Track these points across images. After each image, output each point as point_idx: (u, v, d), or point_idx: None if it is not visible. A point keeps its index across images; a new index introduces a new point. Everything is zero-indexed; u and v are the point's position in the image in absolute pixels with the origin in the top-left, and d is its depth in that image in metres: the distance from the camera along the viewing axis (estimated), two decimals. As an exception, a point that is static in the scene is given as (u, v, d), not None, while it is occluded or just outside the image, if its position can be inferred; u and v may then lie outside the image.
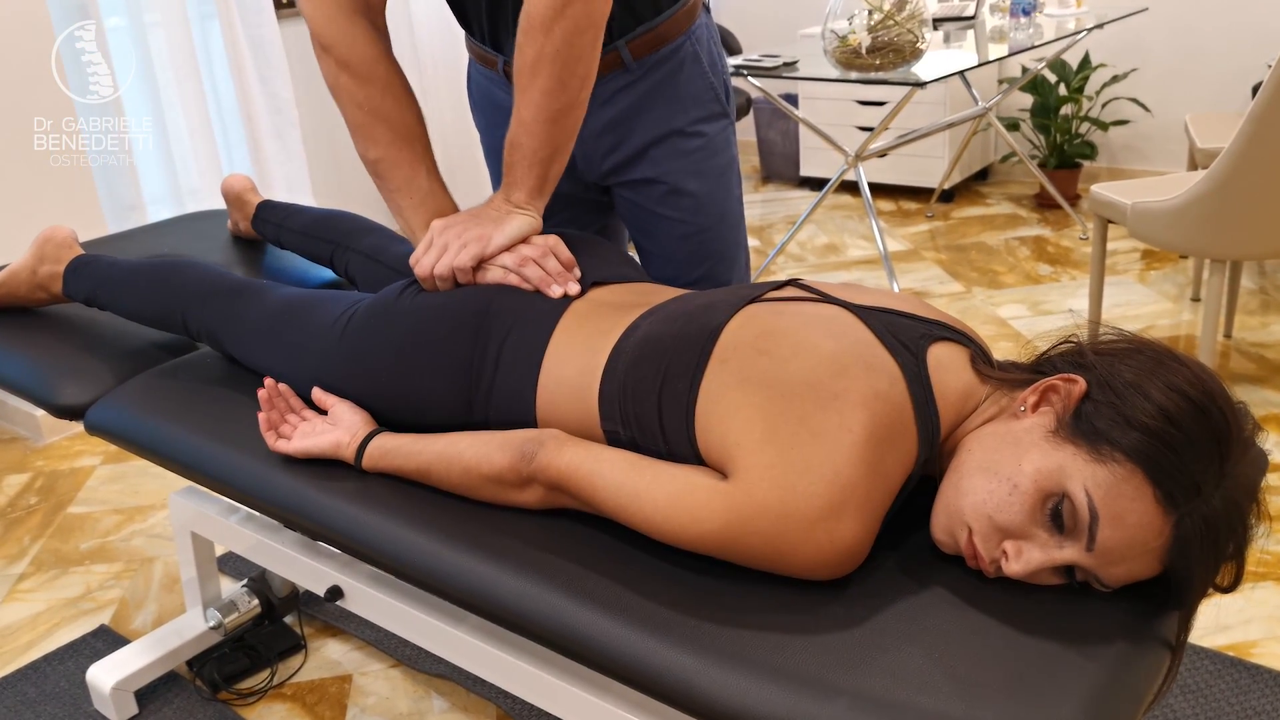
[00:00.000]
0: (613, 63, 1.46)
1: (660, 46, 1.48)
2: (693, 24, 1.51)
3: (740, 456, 0.97)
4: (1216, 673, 1.77)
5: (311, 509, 1.24)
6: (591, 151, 1.55)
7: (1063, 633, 0.93)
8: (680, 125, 1.53)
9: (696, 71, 1.52)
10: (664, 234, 1.59)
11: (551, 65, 1.28)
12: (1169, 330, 3.13)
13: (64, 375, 1.58)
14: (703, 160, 1.56)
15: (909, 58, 3.13)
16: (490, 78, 1.57)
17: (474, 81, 1.64)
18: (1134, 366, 0.95)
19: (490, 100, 1.60)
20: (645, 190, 1.56)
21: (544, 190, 1.36)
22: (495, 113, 1.59)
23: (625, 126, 1.52)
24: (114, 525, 2.45)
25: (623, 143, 1.53)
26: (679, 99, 1.52)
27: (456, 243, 1.31)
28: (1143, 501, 0.90)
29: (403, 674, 1.90)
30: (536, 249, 1.31)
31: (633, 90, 1.50)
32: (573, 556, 1.07)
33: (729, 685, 0.90)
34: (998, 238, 4.03)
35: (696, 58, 1.52)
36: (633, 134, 1.52)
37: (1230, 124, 3.24)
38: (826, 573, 0.97)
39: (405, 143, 1.38)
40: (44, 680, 1.93)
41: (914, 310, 1.08)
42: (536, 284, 1.28)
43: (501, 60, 1.51)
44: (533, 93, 1.29)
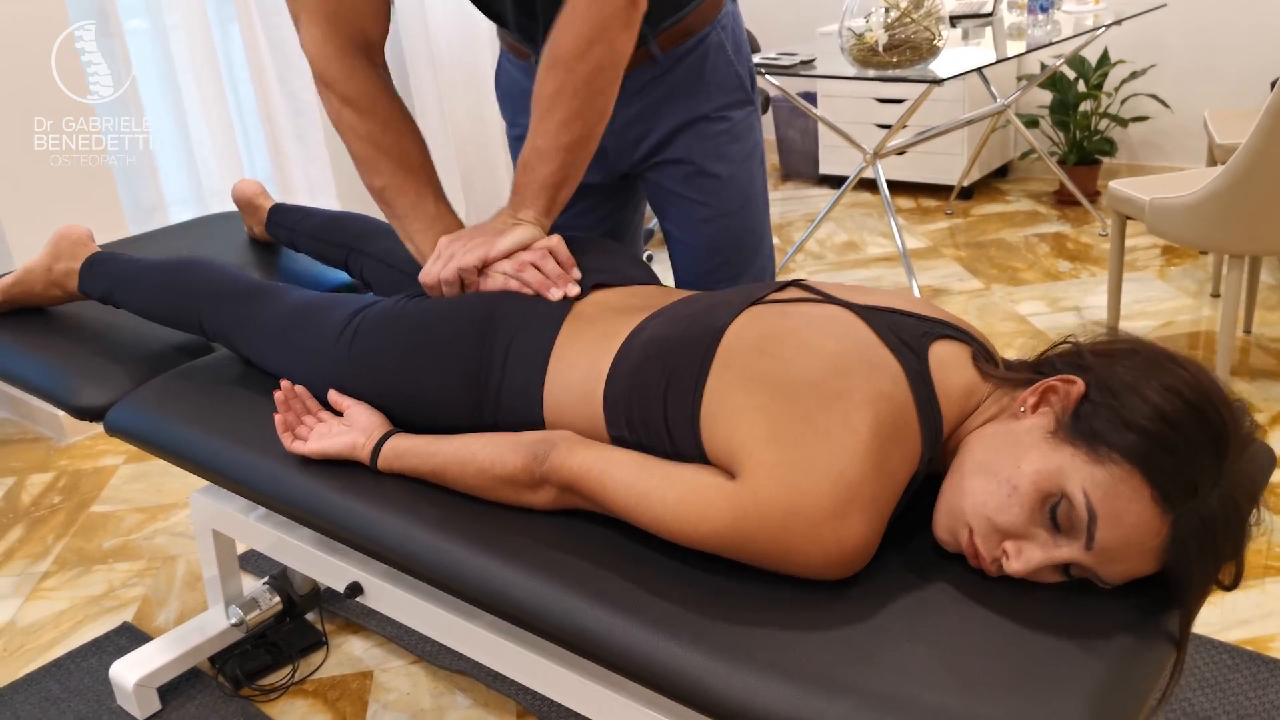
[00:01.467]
0: (642, 58, 1.49)
1: (687, 38, 1.51)
2: (719, 13, 1.55)
3: (746, 457, 0.98)
4: (1235, 666, 1.76)
5: (328, 509, 1.26)
6: (622, 142, 1.58)
7: (1066, 629, 0.93)
8: (706, 111, 1.56)
9: (722, 59, 1.56)
10: (687, 218, 1.62)
11: (572, 100, 1.31)
12: (1188, 326, 3.12)
13: (83, 377, 1.60)
14: (727, 144, 1.59)
15: (926, 55, 3.12)
16: (522, 68, 1.60)
17: (503, 71, 1.66)
18: (1131, 368, 0.96)
19: (521, 88, 1.62)
20: (671, 171, 1.59)
21: (551, 212, 1.38)
22: (525, 100, 1.60)
23: (653, 115, 1.55)
24: (136, 524, 2.48)
25: (651, 130, 1.56)
26: (705, 86, 1.55)
27: (462, 250, 1.33)
28: (1140, 502, 0.91)
29: (423, 670, 1.92)
30: (535, 253, 1.33)
31: (661, 83, 1.53)
32: (584, 556, 1.09)
33: (737, 682, 0.91)
34: (1017, 234, 4.02)
35: (722, 46, 1.55)
36: (660, 121, 1.55)
37: (1249, 119, 3.22)
38: (833, 572, 0.97)
39: (408, 171, 1.40)
40: (68, 677, 1.95)
41: (916, 309, 1.09)
42: (536, 288, 1.30)
43: (535, 53, 1.53)
44: (550, 123, 1.33)
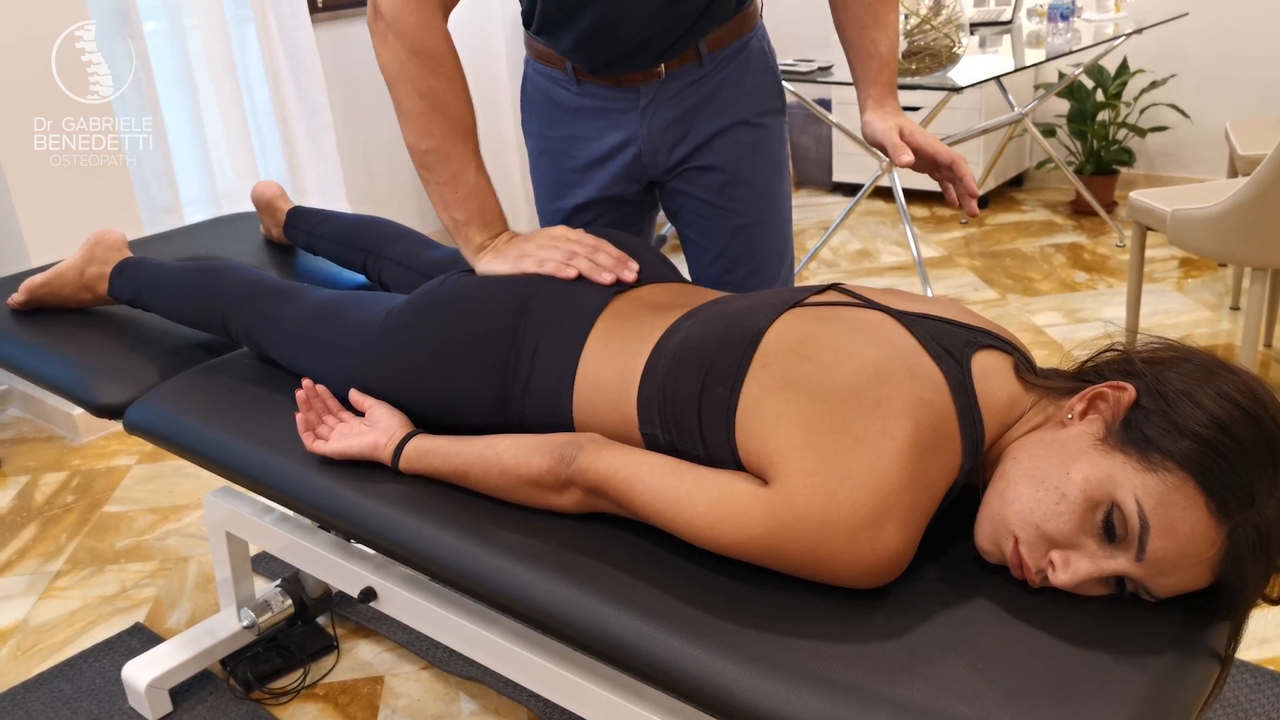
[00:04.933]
0: (688, 57, 1.50)
1: (732, 40, 1.53)
2: (759, 20, 1.58)
3: (781, 463, 0.97)
4: (1256, 686, 1.74)
5: (348, 510, 1.25)
6: (659, 144, 1.57)
7: (1109, 643, 0.91)
8: (746, 116, 1.57)
9: (762, 65, 1.57)
10: (717, 227, 1.62)
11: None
12: (1208, 339, 3.09)
13: (103, 375, 1.59)
14: (762, 153, 1.59)
15: (945, 62, 3.11)
16: (552, 76, 1.58)
17: (530, 82, 1.64)
18: (1183, 374, 0.94)
19: (549, 98, 1.60)
20: (704, 179, 1.59)
21: None
22: (553, 110, 1.60)
23: (693, 118, 1.55)
24: (149, 524, 2.46)
25: (689, 133, 1.56)
26: (745, 91, 1.56)
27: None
28: (1194, 511, 0.89)
29: (434, 676, 1.90)
30: (585, 246, 1.32)
31: (703, 84, 1.53)
32: (610, 561, 1.07)
33: (767, 692, 0.90)
34: (1033, 244, 4.00)
35: (762, 51, 1.58)
36: (699, 125, 1.55)
37: (1272, 131, 3.21)
38: (868, 581, 0.96)
39: (459, 138, 1.36)
40: (80, 677, 1.94)
41: (957, 317, 1.07)
42: (587, 274, 1.29)
43: (570, 61, 1.53)
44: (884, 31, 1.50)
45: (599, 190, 1.61)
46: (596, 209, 1.63)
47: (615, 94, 1.54)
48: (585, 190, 1.62)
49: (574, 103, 1.57)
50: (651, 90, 1.53)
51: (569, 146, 1.60)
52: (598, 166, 1.60)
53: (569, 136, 1.60)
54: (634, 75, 1.52)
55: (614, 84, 1.53)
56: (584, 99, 1.56)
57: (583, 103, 1.56)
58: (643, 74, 1.51)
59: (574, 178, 1.62)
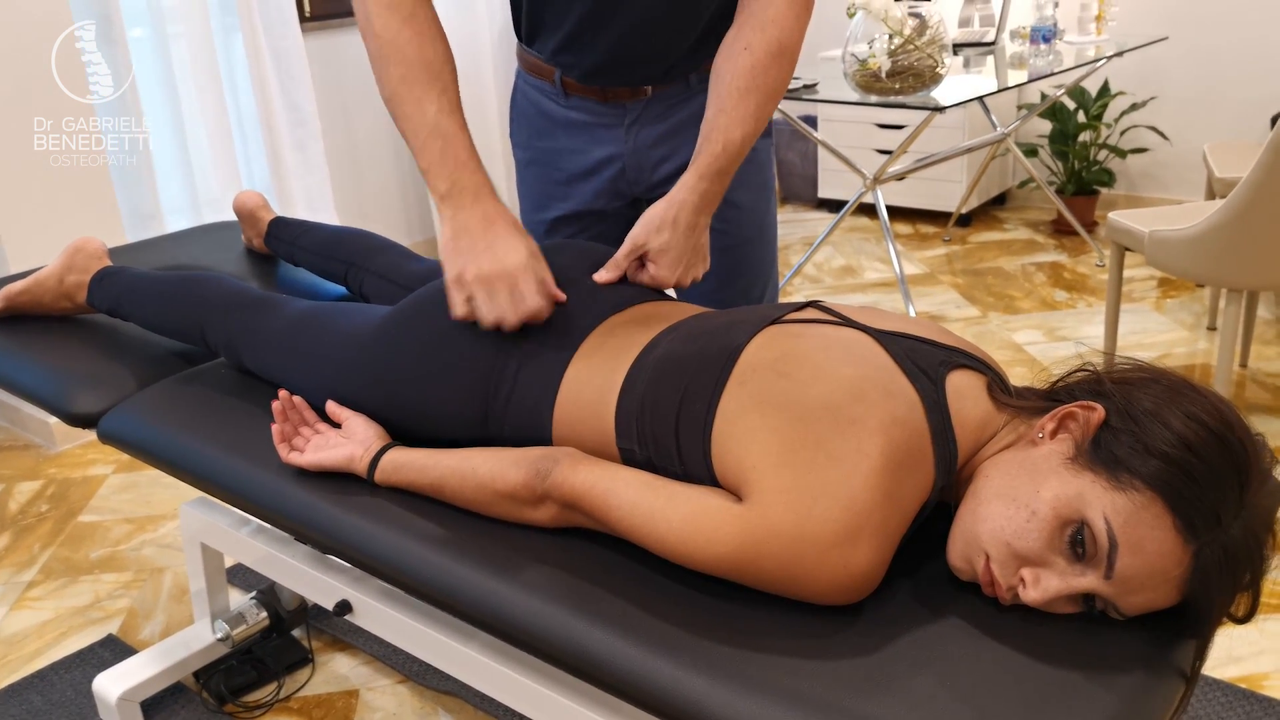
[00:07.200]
0: (677, 79, 1.51)
1: None
2: None
3: (756, 479, 0.97)
4: (1229, 704, 1.75)
5: (323, 522, 1.24)
6: (644, 161, 1.57)
7: (1078, 661, 0.91)
8: None
9: None
10: None
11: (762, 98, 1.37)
12: (1184, 359, 3.12)
13: (78, 384, 1.58)
14: (751, 173, 1.59)
15: (929, 82, 3.13)
16: (542, 89, 1.59)
17: (521, 94, 1.65)
18: (1152, 395, 0.95)
19: (538, 110, 1.61)
20: None
21: None
22: (543, 121, 1.60)
23: (680, 137, 1.55)
24: (124, 535, 2.45)
25: (675, 153, 1.56)
26: None
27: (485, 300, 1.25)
28: (1162, 530, 0.89)
29: (410, 690, 1.90)
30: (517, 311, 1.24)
31: (690, 104, 1.53)
32: (585, 575, 1.07)
33: (739, 708, 0.90)
34: (1014, 263, 4.02)
35: None
36: (686, 144, 1.54)
37: (1249, 154, 3.23)
38: (840, 598, 0.96)
39: (417, 78, 1.28)
40: (50, 689, 1.93)
41: (933, 336, 1.07)
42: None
43: (558, 73, 1.53)
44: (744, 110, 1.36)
45: (582, 204, 1.61)
46: (579, 222, 1.63)
47: (602, 108, 1.54)
48: (568, 203, 1.62)
49: (561, 115, 1.57)
50: (638, 107, 1.53)
51: (556, 158, 1.61)
52: (582, 180, 1.60)
53: (557, 149, 1.60)
54: (620, 91, 1.52)
55: (600, 98, 1.53)
56: (570, 112, 1.56)
57: (570, 116, 1.57)
58: (630, 90, 1.52)
59: (558, 190, 1.62)
